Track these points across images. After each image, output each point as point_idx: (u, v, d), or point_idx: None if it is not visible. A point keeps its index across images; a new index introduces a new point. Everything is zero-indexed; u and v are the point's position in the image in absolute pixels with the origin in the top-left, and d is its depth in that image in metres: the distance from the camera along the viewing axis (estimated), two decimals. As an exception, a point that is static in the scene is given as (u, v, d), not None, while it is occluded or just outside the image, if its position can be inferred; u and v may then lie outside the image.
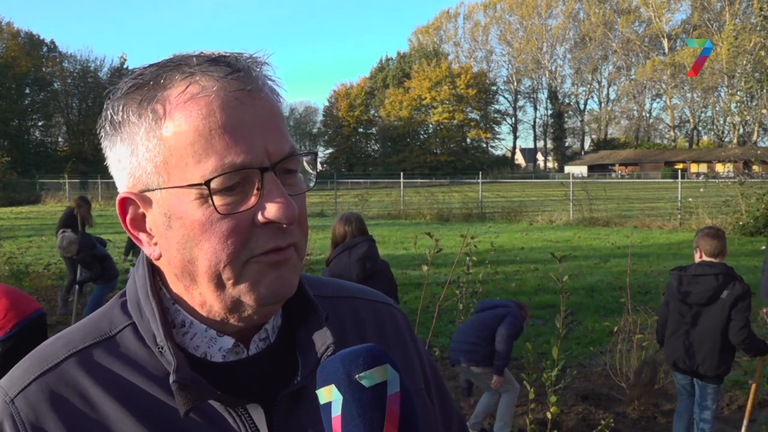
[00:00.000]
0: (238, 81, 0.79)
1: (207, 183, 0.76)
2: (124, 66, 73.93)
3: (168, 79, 0.79)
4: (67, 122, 71.28)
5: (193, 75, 0.79)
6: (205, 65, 0.79)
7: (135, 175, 0.82)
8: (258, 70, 0.82)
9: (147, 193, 0.81)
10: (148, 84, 0.80)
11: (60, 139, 72.90)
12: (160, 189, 0.80)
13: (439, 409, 1.04)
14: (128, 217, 0.84)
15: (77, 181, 40.69)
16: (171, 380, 0.78)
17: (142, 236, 0.85)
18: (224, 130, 0.77)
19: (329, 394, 0.72)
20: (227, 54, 0.82)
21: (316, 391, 0.74)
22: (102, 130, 0.85)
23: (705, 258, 4.59)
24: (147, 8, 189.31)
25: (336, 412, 0.71)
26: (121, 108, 0.81)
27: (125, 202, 0.84)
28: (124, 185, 0.84)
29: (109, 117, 0.83)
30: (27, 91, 68.06)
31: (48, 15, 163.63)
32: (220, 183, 0.77)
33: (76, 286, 9.18)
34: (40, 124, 70.46)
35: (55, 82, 70.48)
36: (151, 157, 0.79)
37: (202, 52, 0.82)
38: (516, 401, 5.26)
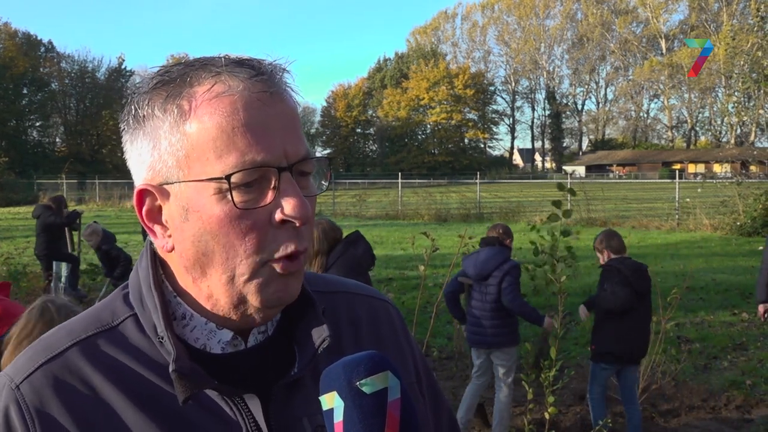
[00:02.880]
0: (262, 83, 0.82)
1: (228, 177, 0.79)
2: (122, 66, 73.90)
3: (194, 77, 0.82)
4: (64, 122, 71.11)
5: (219, 75, 0.82)
6: (231, 66, 0.83)
7: (155, 168, 0.84)
8: (279, 75, 0.85)
9: (166, 186, 0.84)
10: (175, 81, 0.83)
11: (57, 140, 72.74)
12: (180, 182, 0.82)
13: (430, 403, 1.06)
14: (145, 209, 0.86)
15: (75, 181, 40.72)
16: (170, 369, 0.81)
17: (157, 228, 0.87)
18: (246, 128, 0.80)
19: (331, 401, 0.74)
20: (251, 58, 0.85)
21: (319, 398, 0.76)
22: (124, 123, 0.87)
23: (614, 255, 5.07)
24: (145, 9, 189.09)
25: (338, 418, 0.73)
26: (146, 103, 0.84)
27: (143, 194, 0.86)
28: (142, 178, 0.86)
29: (133, 111, 0.85)
30: (24, 91, 67.89)
31: (45, 15, 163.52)
32: (239, 178, 0.79)
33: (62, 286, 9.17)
34: (37, 124, 70.27)
35: (53, 83, 70.29)
36: (174, 151, 0.82)
37: (227, 55, 0.85)
38: (511, 401, 5.26)
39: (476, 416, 5.49)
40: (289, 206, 0.80)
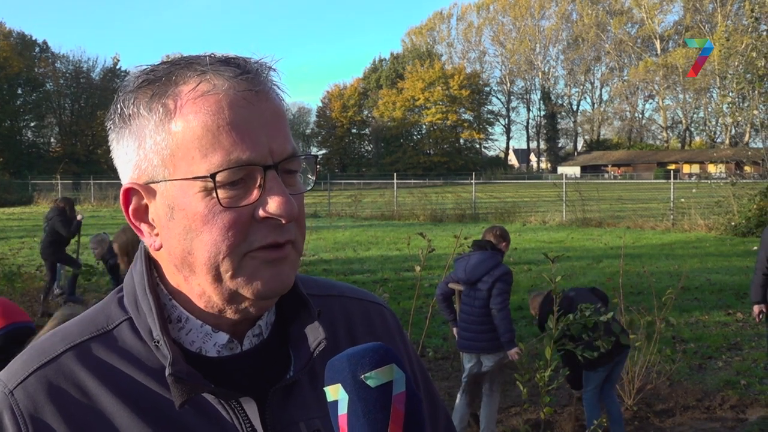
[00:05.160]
0: (247, 82, 0.82)
1: (213, 176, 0.79)
2: (117, 67, 73.63)
3: (180, 76, 0.82)
4: (59, 123, 70.83)
5: (204, 73, 0.81)
6: (217, 65, 0.82)
7: (141, 167, 0.84)
8: (265, 74, 0.85)
9: (152, 185, 0.84)
10: (160, 80, 0.82)
11: (52, 140, 72.43)
12: (165, 181, 0.82)
13: (427, 406, 1.05)
14: (131, 208, 0.86)
15: (69, 181, 40.50)
16: (167, 373, 0.80)
17: (144, 227, 0.87)
18: (231, 127, 0.80)
19: (336, 393, 0.74)
20: (237, 56, 0.85)
21: (324, 389, 0.75)
22: (110, 123, 0.87)
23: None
24: (140, 9, 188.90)
25: (342, 410, 0.73)
26: (131, 102, 0.84)
27: (129, 193, 0.86)
28: (128, 177, 0.86)
29: (119, 110, 0.85)
30: (19, 91, 67.59)
31: (40, 15, 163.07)
32: (224, 177, 0.79)
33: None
34: (32, 124, 70.04)
35: (48, 83, 70.01)
36: (159, 149, 0.82)
37: (213, 54, 0.85)
38: (497, 410, 5.26)
39: (470, 425, 5.48)
40: (273, 204, 0.80)
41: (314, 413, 0.88)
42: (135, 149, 0.84)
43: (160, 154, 0.82)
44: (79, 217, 10.31)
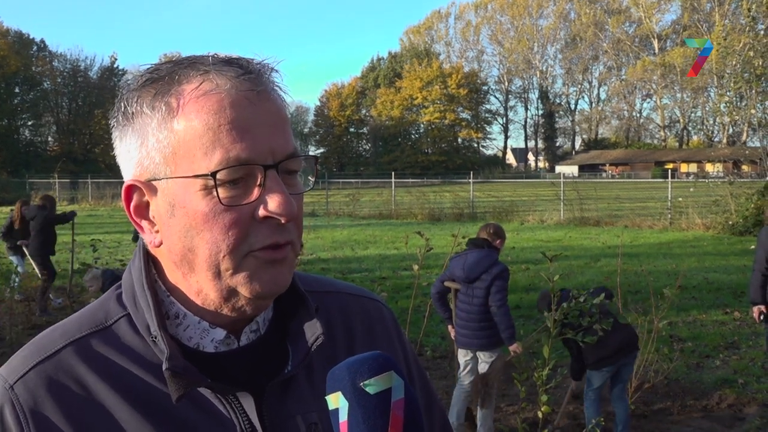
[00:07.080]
0: (249, 82, 0.83)
1: (213, 174, 0.80)
2: (115, 66, 73.68)
3: (183, 75, 0.83)
4: (57, 122, 70.82)
5: (207, 73, 0.82)
6: (219, 65, 0.83)
7: (143, 165, 0.85)
8: (268, 74, 0.86)
9: (153, 182, 0.85)
10: (163, 78, 0.84)
11: (50, 139, 72.44)
12: (167, 179, 0.83)
13: (422, 404, 1.06)
14: (132, 204, 0.87)
15: (67, 180, 40.46)
16: (164, 368, 0.81)
17: (144, 223, 0.88)
18: (233, 126, 0.80)
19: (336, 401, 0.75)
20: (240, 57, 0.86)
21: (325, 398, 0.76)
22: (114, 120, 0.88)
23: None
24: (140, 9, 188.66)
25: (343, 418, 0.74)
26: (135, 100, 0.85)
27: (131, 190, 0.87)
28: (130, 173, 0.87)
29: (122, 108, 0.86)
30: (17, 90, 67.53)
31: (38, 14, 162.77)
32: (225, 175, 0.80)
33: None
34: (29, 123, 69.98)
35: (45, 82, 69.96)
36: (161, 147, 0.83)
37: (216, 54, 0.85)
38: (493, 415, 5.27)
39: (466, 420, 5.48)
40: (273, 203, 0.81)
41: (311, 407, 0.89)
42: (137, 147, 0.85)
43: (162, 152, 0.83)
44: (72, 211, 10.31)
